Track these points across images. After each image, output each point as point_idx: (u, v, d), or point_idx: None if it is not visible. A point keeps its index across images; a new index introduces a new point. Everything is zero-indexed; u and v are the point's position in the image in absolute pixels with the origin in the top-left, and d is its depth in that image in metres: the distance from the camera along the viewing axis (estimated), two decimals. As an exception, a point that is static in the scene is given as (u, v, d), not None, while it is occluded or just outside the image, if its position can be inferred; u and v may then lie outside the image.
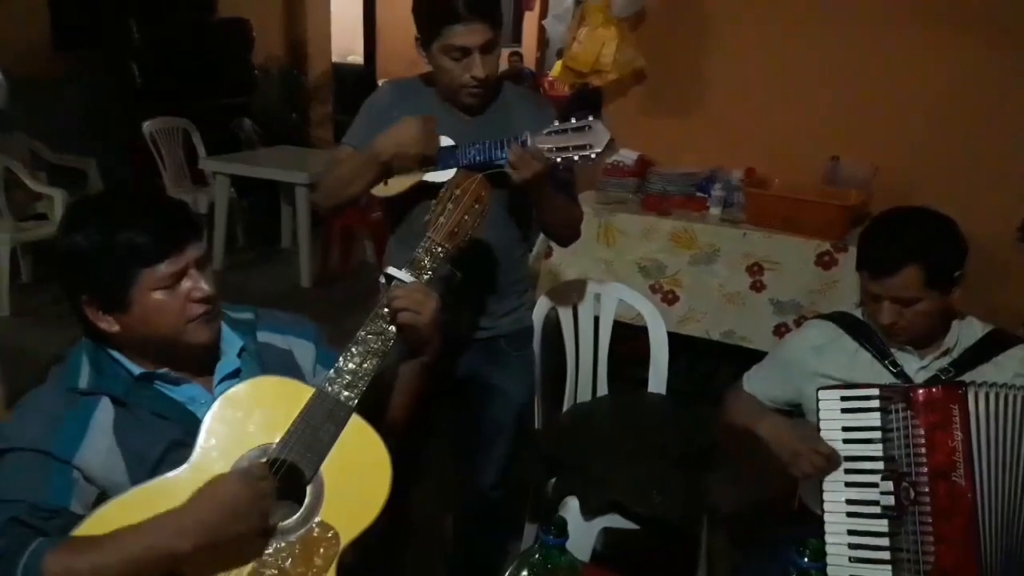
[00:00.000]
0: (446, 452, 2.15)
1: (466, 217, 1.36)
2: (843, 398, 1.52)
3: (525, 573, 1.06)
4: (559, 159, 1.67)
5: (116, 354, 1.25)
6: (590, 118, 1.68)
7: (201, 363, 1.29)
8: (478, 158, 1.71)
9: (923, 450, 1.43)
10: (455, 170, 1.67)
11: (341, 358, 1.26)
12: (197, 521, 1.07)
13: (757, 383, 1.80)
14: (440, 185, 1.59)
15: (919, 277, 1.49)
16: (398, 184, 1.78)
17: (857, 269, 1.61)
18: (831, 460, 1.49)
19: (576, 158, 1.67)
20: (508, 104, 1.87)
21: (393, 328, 1.29)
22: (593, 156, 1.67)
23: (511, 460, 2.11)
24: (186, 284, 1.21)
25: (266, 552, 1.15)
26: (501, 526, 2.28)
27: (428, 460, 2.11)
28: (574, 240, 2.02)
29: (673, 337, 2.41)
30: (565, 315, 2.39)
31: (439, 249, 1.34)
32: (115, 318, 1.21)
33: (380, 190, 1.80)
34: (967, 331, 1.62)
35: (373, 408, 1.29)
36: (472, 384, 1.99)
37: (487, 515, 2.17)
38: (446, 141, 1.76)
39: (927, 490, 1.42)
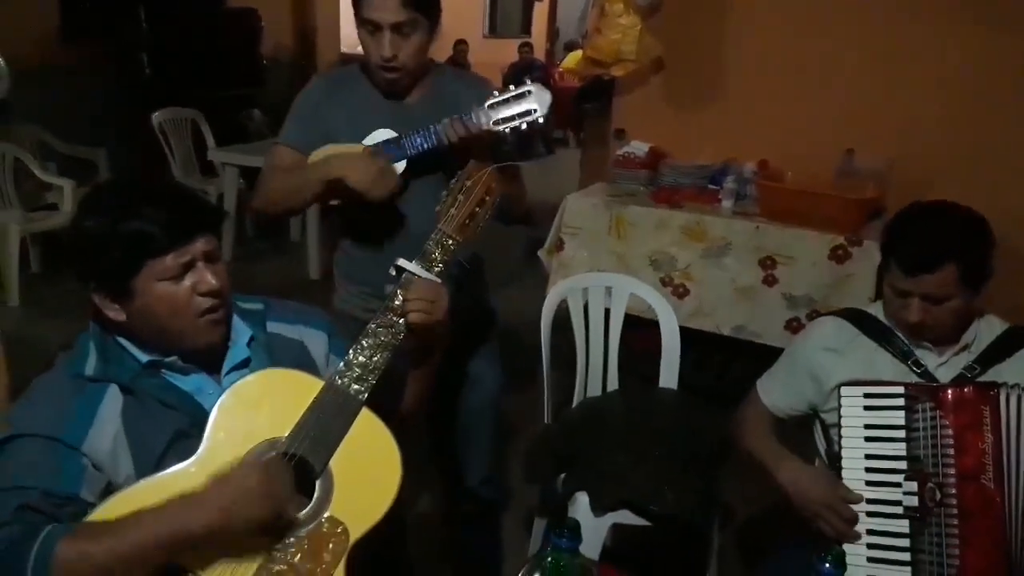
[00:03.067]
0: (419, 449, 2.10)
1: (477, 209, 1.34)
2: (866, 395, 1.49)
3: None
4: (506, 128, 1.67)
5: (124, 341, 1.24)
6: (527, 82, 1.70)
7: (210, 355, 1.27)
8: (424, 145, 1.67)
9: (951, 451, 1.40)
10: (404, 163, 1.67)
11: (351, 351, 1.24)
12: (212, 506, 1.06)
13: (774, 393, 1.73)
14: None
15: (955, 275, 1.45)
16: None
17: (884, 266, 1.56)
18: (852, 523, 1.45)
19: (523, 126, 1.67)
20: (444, 87, 1.82)
21: (403, 321, 1.27)
22: (540, 120, 1.68)
23: (496, 453, 2.09)
24: (192, 277, 1.19)
25: (275, 547, 1.13)
26: (494, 525, 2.26)
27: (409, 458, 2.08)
28: (518, 219, 1.93)
29: (684, 331, 2.38)
30: (575, 309, 2.37)
31: (450, 241, 1.31)
32: (122, 306, 1.19)
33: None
34: (985, 326, 1.59)
35: (385, 402, 1.27)
36: (445, 373, 1.95)
37: (481, 516, 2.15)
38: (387, 133, 1.71)
39: (954, 492, 1.39)
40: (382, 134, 1.71)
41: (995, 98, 3.13)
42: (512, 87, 1.68)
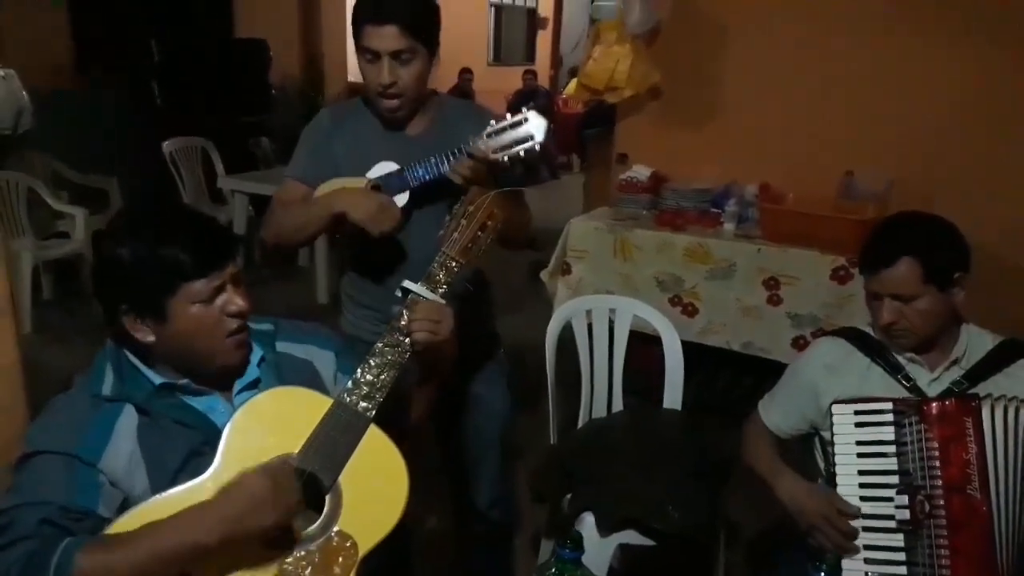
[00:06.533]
0: (431, 471, 2.13)
1: (479, 233, 1.38)
2: (856, 412, 1.52)
3: (542, 587, 1.06)
4: (505, 157, 1.69)
5: (138, 363, 1.28)
6: (524, 110, 1.71)
7: (223, 374, 1.31)
8: (426, 176, 1.71)
9: (937, 463, 1.43)
10: (406, 194, 1.71)
11: (359, 370, 1.28)
12: (222, 514, 1.09)
13: (775, 414, 1.77)
14: None
15: (916, 271, 1.49)
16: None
17: (860, 272, 1.62)
18: (848, 536, 1.48)
19: (521, 153, 1.70)
20: (446, 118, 1.85)
21: (408, 341, 1.31)
22: (537, 148, 1.70)
23: (503, 475, 2.11)
24: (222, 299, 1.24)
25: (286, 560, 1.16)
26: (505, 547, 2.27)
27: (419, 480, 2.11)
28: (522, 245, 1.95)
29: (693, 349, 2.40)
30: (580, 330, 2.40)
31: (454, 264, 1.36)
32: (151, 328, 1.23)
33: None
34: (976, 341, 1.61)
35: (388, 419, 1.30)
36: (451, 396, 1.94)
37: (490, 537, 2.17)
38: (390, 166, 1.75)
39: (942, 503, 1.42)
40: (385, 167, 1.75)
41: (994, 118, 3.16)
42: (508, 115, 1.72)
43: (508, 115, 1.72)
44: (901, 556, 1.43)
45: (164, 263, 1.20)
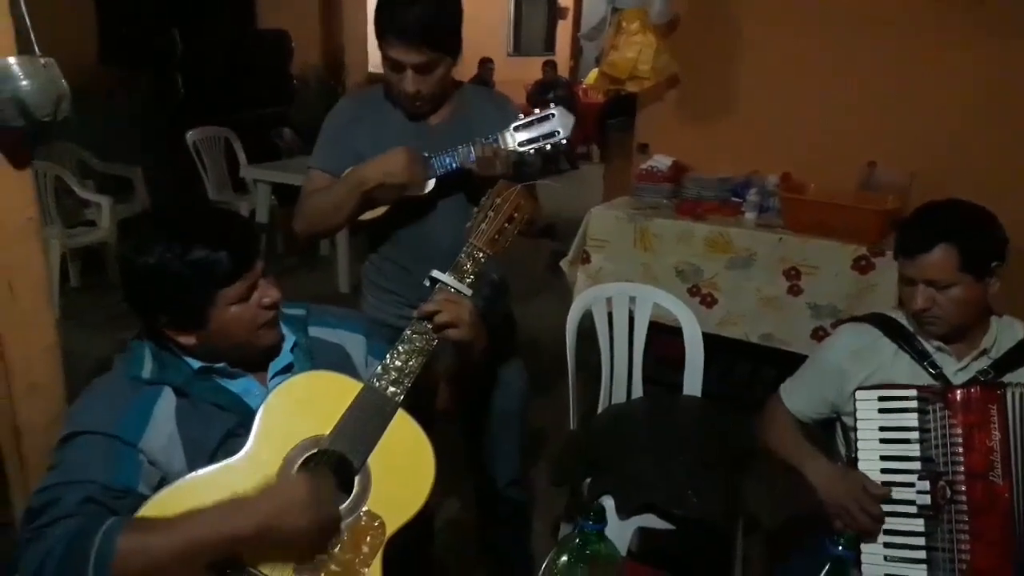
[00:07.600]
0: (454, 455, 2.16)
1: (507, 225, 1.42)
2: (880, 398, 1.52)
3: (565, 558, 1.10)
4: (532, 150, 1.74)
5: (176, 349, 1.31)
6: (551, 107, 1.76)
7: (258, 359, 1.35)
8: (453, 164, 1.74)
9: (960, 450, 1.44)
10: (432, 181, 1.74)
11: (388, 356, 1.32)
12: (260, 509, 1.13)
13: (797, 398, 1.77)
14: (417, 199, 1.71)
15: (953, 258, 1.49)
16: (378, 208, 1.80)
17: (895, 256, 1.61)
18: (876, 520, 1.48)
19: (548, 147, 1.75)
20: (469, 107, 1.87)
21: (432, 328, 1.34)
22: (564, 142, 1.75)
23: (523, 456, 2.14)
24: (256, 294, 1.28)
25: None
26: (527, 525, 2.30)
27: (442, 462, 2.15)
28: (534, 234, 1.94)
29: (712, 340, 2.41)
30: (600, 318, 2.42)
31: (481, 255, 1.39)
32: (193, 333, 1.27)
33: (364, 215, 1.82)
34: (1006, 332, 1.61)
35: (425, 397, 1.33)
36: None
37: (510, 517, 2.20)
38: None
39: (964, 489, 1.43)
40: None
41: (1015, 107, 3.14)
42: (537, 110, 1.75)
43: (536, 109, 1.75)
44: (920, 541, 1.45)
45: (199, 273, 1.21)
